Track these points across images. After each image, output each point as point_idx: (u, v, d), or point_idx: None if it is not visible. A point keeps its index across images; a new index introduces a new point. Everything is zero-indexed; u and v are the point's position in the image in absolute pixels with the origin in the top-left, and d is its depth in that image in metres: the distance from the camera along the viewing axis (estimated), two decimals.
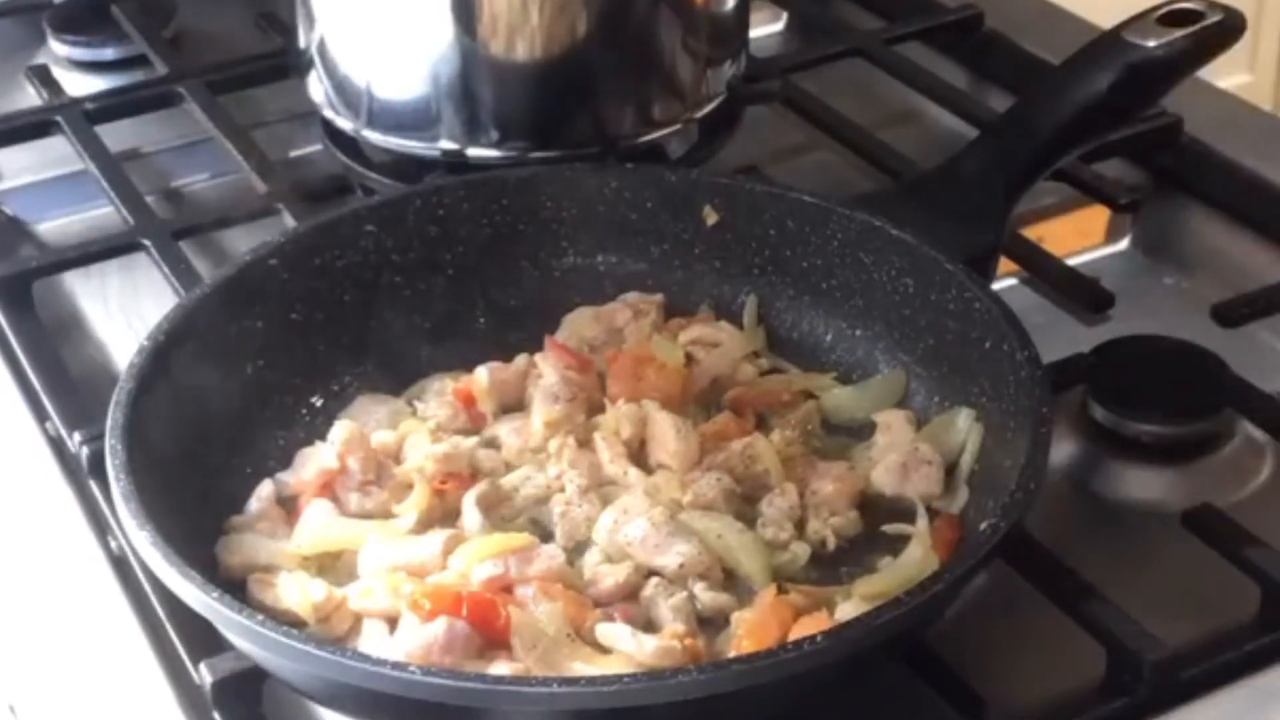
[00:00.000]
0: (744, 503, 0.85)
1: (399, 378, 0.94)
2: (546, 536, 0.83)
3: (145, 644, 0.81)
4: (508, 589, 0.79)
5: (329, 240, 0.94)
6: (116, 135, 1.18)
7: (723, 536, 0.82)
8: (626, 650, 0.75)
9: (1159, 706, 0.76)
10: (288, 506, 0.86)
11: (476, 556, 0.80)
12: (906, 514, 0.84)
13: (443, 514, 0.85)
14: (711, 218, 0.97)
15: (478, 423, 0.91)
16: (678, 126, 1.07)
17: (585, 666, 0.75)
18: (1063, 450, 0.92)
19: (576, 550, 0.83)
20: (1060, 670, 0.79)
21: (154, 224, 1.07)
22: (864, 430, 0.90)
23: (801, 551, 0.83)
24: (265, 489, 0.86)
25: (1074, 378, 0.93)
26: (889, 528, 0.84)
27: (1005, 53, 1.24)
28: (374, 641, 0.78)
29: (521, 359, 0.93)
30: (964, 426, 0.86)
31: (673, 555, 0.81)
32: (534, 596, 0.78)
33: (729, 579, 0.82)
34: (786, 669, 0.69)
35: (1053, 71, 1.03)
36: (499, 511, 0.85)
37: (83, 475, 0.89)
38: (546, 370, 0.91)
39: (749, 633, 0.77)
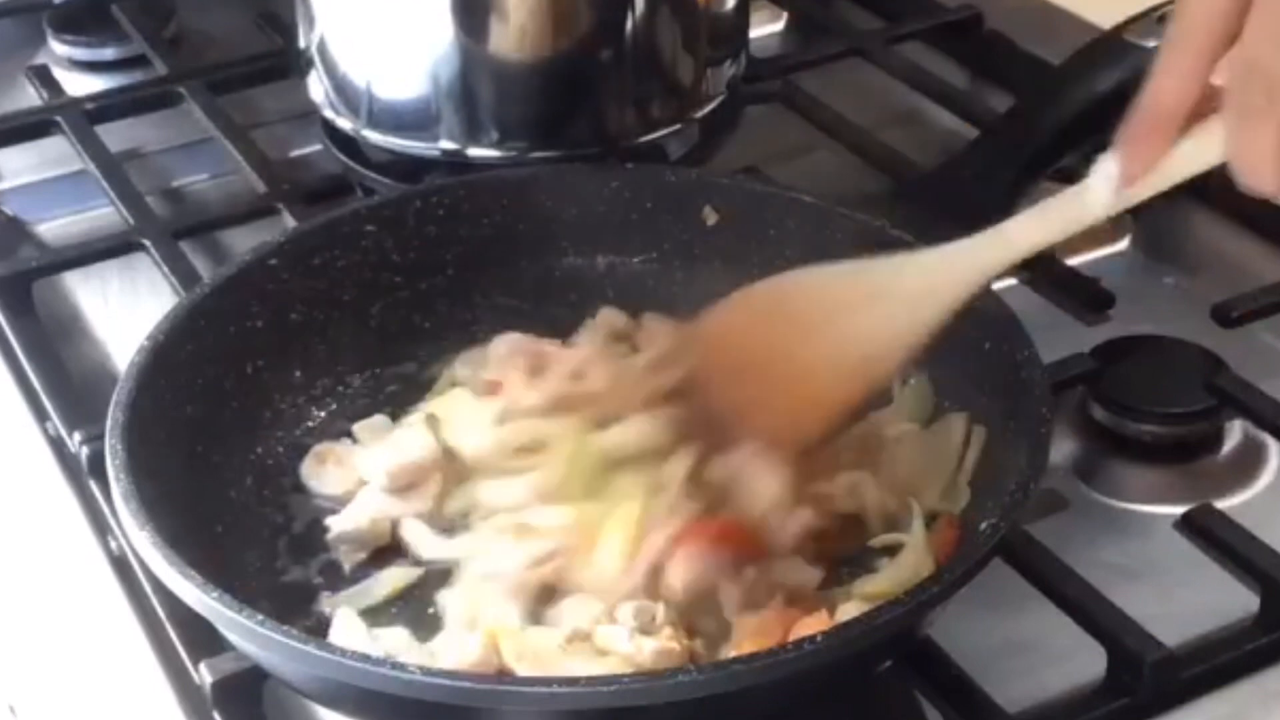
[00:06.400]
0: None
1: (398, 377, 0.94)
2: None
3: (145, 644, 0.81)
4: None
5: (329, 240, 0.94)
6: (116, 135, 1.18)
7: None
8: (624, 652, 0.75)
9: (1159, 706, 0.76)
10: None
11: None
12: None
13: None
14: (711, 218, 0.97)
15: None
16: (678, 126, 1.07)
17: (585, 666, 0.75)
18: (1063, 450, 0.92)
19: None
20: (1060, 670, 0.79)
21: (154, 224, 1.07)
22: None
23: None
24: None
25: (1074, 378, 0.93)
26: (882, 539, 0.83)
27: (1005, 53, 1.24)
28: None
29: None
30: (964, 427, 0.86)
31: None
32: None
33: None
34: (786, 669, 0.69)
35: (1053, 71, 1.03)
36: None
37: (83, 475, 0.89)
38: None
39: (749, 634, 0.77)
